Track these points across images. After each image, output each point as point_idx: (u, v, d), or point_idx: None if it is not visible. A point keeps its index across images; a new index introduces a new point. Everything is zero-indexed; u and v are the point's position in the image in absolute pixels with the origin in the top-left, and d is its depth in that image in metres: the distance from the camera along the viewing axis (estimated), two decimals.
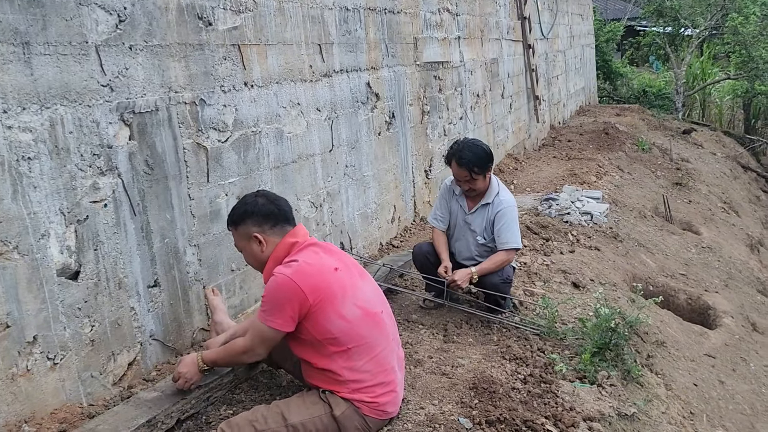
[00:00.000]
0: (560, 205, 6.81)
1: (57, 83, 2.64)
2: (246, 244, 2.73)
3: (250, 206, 2.72)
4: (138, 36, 3.01)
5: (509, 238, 3.95)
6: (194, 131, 3.37)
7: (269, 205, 2.72)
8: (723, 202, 10.37)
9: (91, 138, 2.80)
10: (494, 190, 4.07)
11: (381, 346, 2.63)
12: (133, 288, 3.05)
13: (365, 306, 2.62)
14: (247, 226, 2.70)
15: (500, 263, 3.93)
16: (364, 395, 2.57)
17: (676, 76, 17.54)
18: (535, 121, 10.86)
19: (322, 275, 2.55)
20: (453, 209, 4.23)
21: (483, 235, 4.07)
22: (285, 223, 2.72)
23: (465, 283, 3.91)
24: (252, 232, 2.69)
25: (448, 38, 6.85)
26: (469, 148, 4.00)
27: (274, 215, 2.70)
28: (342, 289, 2.57)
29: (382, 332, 2.66)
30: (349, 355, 2.55)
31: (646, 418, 3.41)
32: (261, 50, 3.85)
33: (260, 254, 2.70)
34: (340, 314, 2.53)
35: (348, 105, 4.85)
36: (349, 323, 2.54)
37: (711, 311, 5.80)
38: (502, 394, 3.02)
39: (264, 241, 2.68)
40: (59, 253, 2.68)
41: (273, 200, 2.75)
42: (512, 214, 4.01)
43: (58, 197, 2.67)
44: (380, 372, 2.61)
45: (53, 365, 2.68)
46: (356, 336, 2.56)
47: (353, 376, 2.56)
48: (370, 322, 2.61)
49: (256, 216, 2.69)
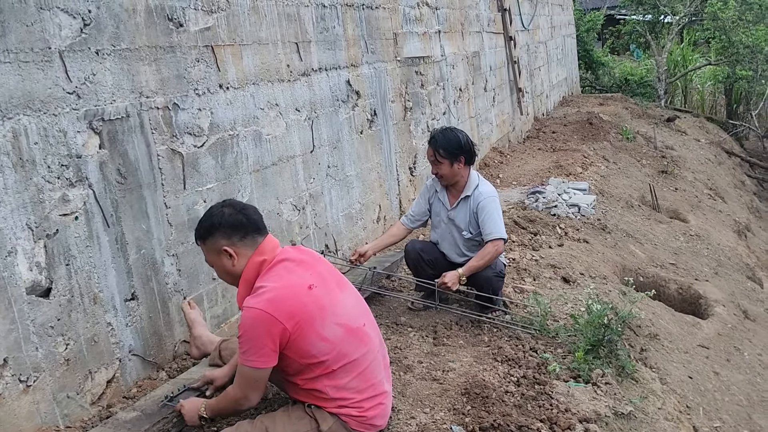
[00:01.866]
0: (547, 198, 6.74)
1: (19, 92, 2.52)
2: (216, 258, 2.55)
3: (216, 218, 2.53)
4: (105, 40, 2.89)
5: (492, 229, 3.88)
6: (168, 137, 3.24)
7: (237, 215, 2.53)
8: (709, 188, 10.36)
9: (59, 148, 2.67)
10: (473, 183, 4.02)
11: (367, 360, 2.52)
12: (110, 302, 2.93)
13: (346, 322, 2.49)
14: (216, 239, 2.52)
15: (487, 257, 3.84)
16: (351, 410, 2.46)
17: (657, 64, 17.55)
18: (519, 113, 10.79)
19: (296, 298, 2.40)
20: (435, 208, 4.17)
21: (468, 229, 4.00)
22: (255, 233, 2.54)
23: (455, 286, 3.82)
24: (221, 246, 2.51)
25: (428, 32, 6.75)
26: (444, 132, 4.04)
27: (242, 226, 2.52)
28: (320, 310, 2.42)
29: (367, 345, 2.54)
30: (334, 375, 2.44)
31: (642, 415, 3.34)
32: (235, 51, 3.73)
33: (232, 268, 2.52)
34: (321, 336, 2.40)
35: (328, 104, 4.74)
36: (331, 344, 2.42)
37: (702, 300, 5.75)
38: (496, 399, 2.93)
39: (235, 254, 2.50)
40: (28, 270, 2.56)
41: (240, 209, 2.57)
42: (493, 204, 3.94)
43: (24, 211, 2.54)
44: (368, 387, 2.51)
45: (26, 388, 2.56)
46: (340, 356, 2.43)
47: (340, 394, 2.45)
48: (353, 339, 2.49)
49: (223, 228, 2.51)
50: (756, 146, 16.40)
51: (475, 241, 4.01)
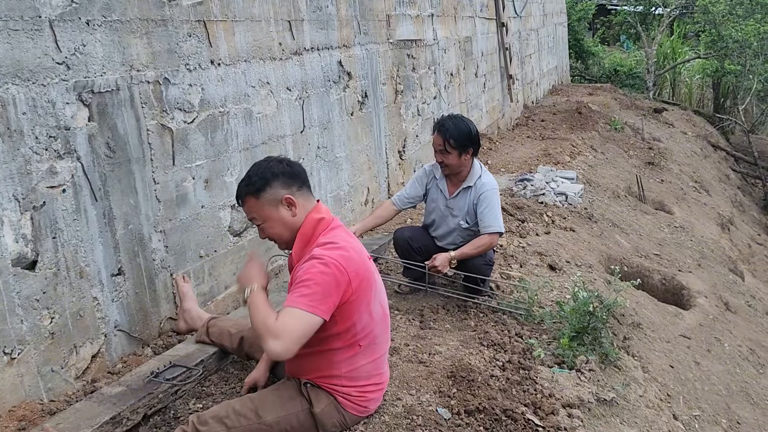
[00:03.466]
0: (535, 185, 6.75)
1: (8, 60, 2.47)
2: (273, 211, 2.40)
3: (273, 168, 2.42)
4: (96, 10, 2.84)
5: (492, 222, 3.86)
6: (158, 112, 3.20)
7: (292, 166, 2.46)
8: (694, 181, 10.44)
9: (47, 119, 2.63)
10: (476, 174, 3.97)
11: (383, 349, 2.55)
12: (96, 277, 2.90)
13: (384, 306, 2.51)
14: (275, 189, 2.39)
15: (482, 247, 3.83)
16: (353, 390, 2.47)
17: (647, 55, 17.60)
18: (509, 100, 10.78)
19: (363, 263, 2.36)
20: (432, 195, 4.12)
21: (465, 218, 3.97)
22: (308, 187, 2.49)
23: (445, 268, 3.81)
24: (282, 195, 2.38)
25: (421, 15, 6.71)
26: (454, 121, 3.91)
27: (298, 176, 2.45)
28: (375, 283, 2.43)
29: (387, 335, 2.58)
30: (355, 352, 2.43)
31: (624, 402, 3.38)
32: (228, 27, 3.68)
33: (291, 219, 2.41)
34: (369, 309, 2.40)
35: (319, 84, 4.70)
36: (372, 320, 2.42)
37: (685, 291, 5.81)
38: (481, 383, 2.94)
39: (295, 203, 2.40)
40: (14, 242, 2.53)
41: (292, 164, 2.48)
42: (494, 197, 3.91)
43: (11, 182, 2.51)
44: (376, 374, 2.54)
45: (10, 360, 2.53)
46: (371, 334, 2.44)
47: (351, 373, 2.45)
48: (383, 324, 2.51)
49: (282, 177, 2.40)
50: (741, 141, 16.51)
51: (471, 231, 3.98)
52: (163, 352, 3.10)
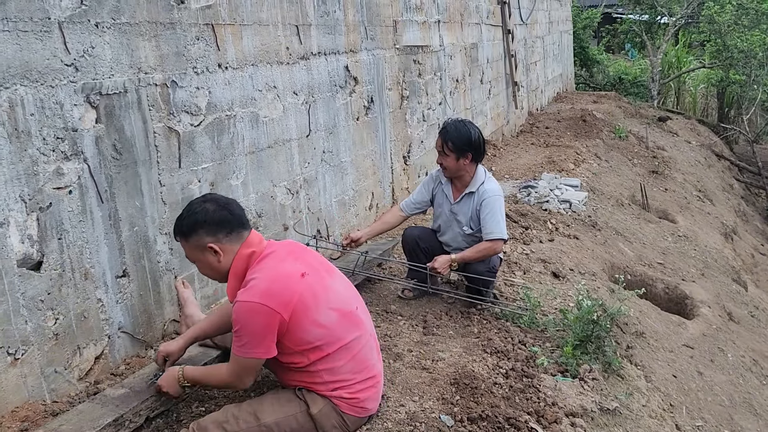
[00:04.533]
0: (539, 192, 6.75)
1: (17, 62, 2.48)
2: (200, 255, 2.48)
3: (200, 215, 2.45)
4: (105, 13, 2.85)
5: (493, 228, 3.85)
6: (165, 114, 3.21)
7: (221, 210, 2.46)
8: (698, 190, 10.42)
9: (55, 120, 2.64)
10: (479, 179, 3.97)
11: (360, 343, 2.52)
12: (101, 278, 2.90)
13: (340, 307, 2.49)
14: (200, 236, 2.44)
15: (483, 252, 3.83)
16: (343, 392, 2.47)
17: (652, 64, 17.59)
18: (514, 107, 10.79)
19: (290, 287, 2.37)
20: (438, 200, 4.13)
21: (469, 224, 3.97)
22: (240, 228, 2.49)
23: (445, 270, 3.81)
24: (206, 243, 2.44)
25: (427, 21, 6.72)
26: (456, 125, 3.94)
27: (227, 222, 2.46)
28: (314, 297, 2.41)
29: (360, 329, 2.55)
30: (329, 358, 2.44)
31: (627, 411, 3.37)
32: (236, 30, 3.69)
33: (218, 265, 2.47)
34: (316, 323, 2.40)
35: (326, 89, 4.71)
36: (326, 329, 2.42)
37: (688, 301, 5.79)
38: (484, 390, 2.94)
39: (220, 251, 2.44)
40: (20, 243, 2.53)
41: (224, 205, 2.50)
42: (497, 203, 3.90)
43: (18, 183, 2.51)
44: (361, 370, 2.52)
45: (14, 360, 2.54)
46: (335, 339, 2.44)
47: (333, 377, 2.46)
48: (347, 323, 2.49)
49: (208, 225, 2.43)
50: (745, 150, 16.49)
51: (476, 237, 3.98)
52: None
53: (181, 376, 2.58)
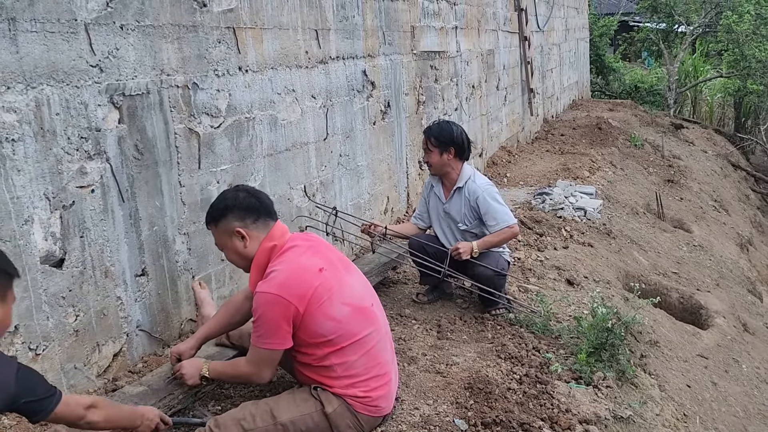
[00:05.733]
0: (554, 199, 6.75)
1: (44, 62, 2.52)
2: (228, 240, 2.58)
3: (230, 200, 2.58)
4: (129, 15, 2.89)
5: (499, 219, 3.92)
6: (186, 116, 3.25)
7: (250, 198, 2.59)
8: (714, 200, 10.36)
9: (79, 120, 2.68)
10: (466, 175, 4.05)
11: (374, 339, 2.56)
12: (120, 277, 2.94)
13: (354, 302, 2.53)
14: (228, 221, 2.55)
15: (504, 236, 3.93)
16: (357, 390, 2.49)
17: (668, 73, 17.50)
18: (529, 114, 10.78)
19: (305, 281, 2.44)
20: (432, 203, 4.22)
21: (463, 221, 4.03)
22: (267, 217, 2.59)
23: (466, 255, 3.87)
24: (234, 227, 2.54)
25: (445, 27, 6.74)
26: (439, 124, 4.10)
27: (255, 208, 2.57)
28: (328, 291, 2.46)
29: (374, 325, 2.58)
30: (343, 352, 2.48)
31: (641, 420, 3.35)
32: (256, 34, 3.73)
33: (244, 250, 2.56)
34: (328, 316, 2.45)
35: (344, 93, 4.74)
36: (339, 323, 2.46)
37: (703, 311, 5.76)
38: (498, 395, 2.94)
39: (247, 236, 2.54)
40: (43, 240, 2.57)
41: (254, 194, 2.63)
42: (490, 194, 3.97)
43: (43, 181, 2.55)
44: (374, 366, 2.54)
45: (35, 356, 2.58)
46: (348, 334, 2.48)
47: (347, 372, 2.49)
48: (361, 317, 2.53)
49: (237, 210, 2.55)
50: (762, 161, 16.38)
51: (472, 233, 4.04)
52: None
53: (206, 369, 2.63)
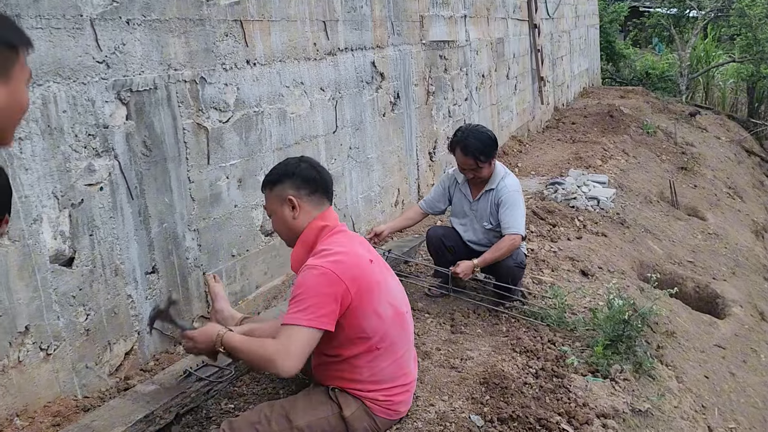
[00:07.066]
0: (566, 189, 6.67)
1: (50, 59, 2.49)
2: (278, 207, 2.49)
3: (291, 167, 2.51)
4: (135, 10, 2.85)
5: (511, 223, 3.83)
6: (194, 111, 3.22)
7: (311, 170, 2.51)
8: (728, 187, 10.23)
9: (86, 117, 2.65)
10: (498, 176, 3.95)
11: (404, 348, 2.51)
12: (130, 275, 2.92)
13: (396, 304, 2.48)
14: (284, 187, 2.47)
15: (502, 250, 3.80)
16: (378, 394, 2.44)
17: (680, 59, 17.31)
18: (540, 102, 10.68)
19: (360, 267, 2.35)
20: (457, 199, 4.13)
21: (489, 219, 3.96)
22: (323, 194, 2.52)
23: (466, 276, 3.81)
24: (287, 195, 2.46)
25: (454, 17, 6.66)
26: (475, 136, 3.88)
27: (314, 181, 2.49)
28: (377, 284, 2.40)
29: (406, 334, 2.54)
30: (375, 355, 2.40)
31: (659, 413, 3.30)
32: (264, 27, 3.68)
33: (292, 221, 2.47)
34: (376, 311, 2.37)
35: (352, 85, 4.69)
36: (382, 321, 2.39)
37: (719, 300, 5.68)
38: (514, 390, 2.90)
39: (298, 206, 2.45)
40: (52, 239, 2.55)
41: (316, 166, 2.54)
42: (515, 198, 3.88)
43: (51, 180, 2.53)
44: (401, 375, 2.50)
45: (46, 356, 2.56)
46: (386, 336, 2.41)
47: (374, 377, 2.43)
48: (398, 322, 2.47)
49: (295, 178, 2.47)
50: None
51: (496, 232, 3.97)
52: None
53: (219, 340, 2.34)
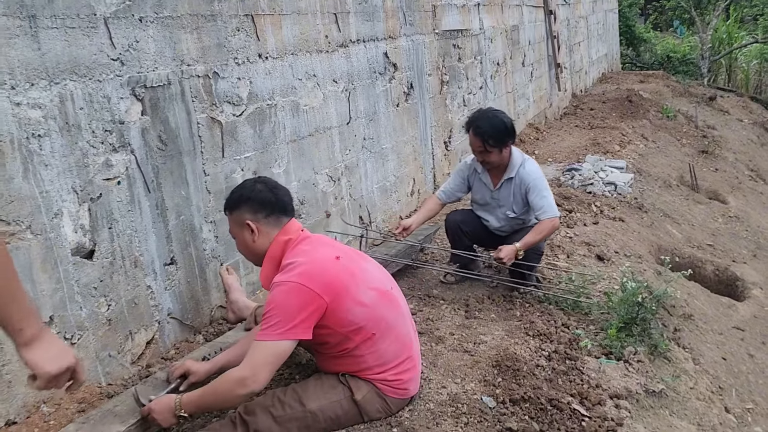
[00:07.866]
0: (583, 175, 6.67)
1: (65, 57, 2.57)
2: (238, 231, 2.56)
3: (246, 191, 2.56)
4: (148, 7, 2.92)
5: (545, 207, 3.83)
6: (208, 105, 3.29)
7: (267, 192, 2.55)
8: (750, 170, 10.12)
9: (103, 114, 2.73)
10: (516, 163, 3.95)
11: (400, 323, 2.56)
12: (149, 266, 3.00)
13: (377, 286, 2.52)
14: (241, 212, 2.53)
15: (545, 232, 3.82)
16: (387, 374, 2.49)
17: (701, 41, 17.10)
18: (557, 89, 10.64)
19: (326, 271, 2.39)
20: (477, 188, 4.14)
21: (512, 208, 3.98)
22: (281, 213, 2.55)
23: (510, 261, 3.77)
24: (245, 219, 2.52)
25: (467, 5, 6.67)
26: (488, 118, 3.90)
27: (270, 204, 2.53)
28: (352, 276, 2.44)
29: (398, 309, 2.58)
30: (374, 341, 2.45)
31: (674, 394, 3.32)
32: (275, 20, 3.74)
33: (252, 244, 2.53)
34: (358, 301, 2.41)
35: (365, 76, 4.73)
36: (368, 308, 2.44)
37: (739, 282, 5.66)
38: (527, 372, 2.94)
39: (256, 230, 2.51)
40: (73, 232, 2.63)
41: (272, 188, 2.58)
42: (541, 183, 3.89)
43: (70, 175, 2.61)
44: (404, 350, 2.54)
45: (71, 345, 2.64)
46: (378, 319, 2.46)
47: (379, 359, 2.48)
48: (386, 302, 2.52)
49: (251, 202, 2.53)
50: None
51: (520, 220, 4.01)
52: (214, 339, 3.18)
53: (178, 405, 2.33)
